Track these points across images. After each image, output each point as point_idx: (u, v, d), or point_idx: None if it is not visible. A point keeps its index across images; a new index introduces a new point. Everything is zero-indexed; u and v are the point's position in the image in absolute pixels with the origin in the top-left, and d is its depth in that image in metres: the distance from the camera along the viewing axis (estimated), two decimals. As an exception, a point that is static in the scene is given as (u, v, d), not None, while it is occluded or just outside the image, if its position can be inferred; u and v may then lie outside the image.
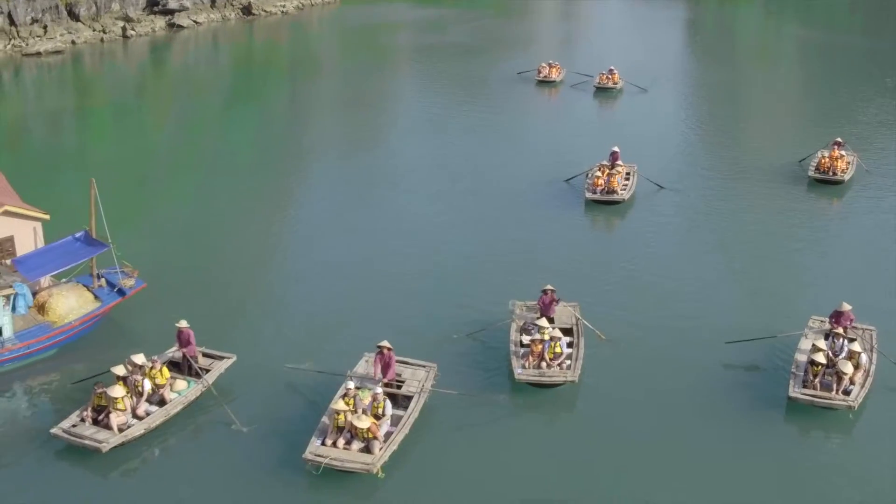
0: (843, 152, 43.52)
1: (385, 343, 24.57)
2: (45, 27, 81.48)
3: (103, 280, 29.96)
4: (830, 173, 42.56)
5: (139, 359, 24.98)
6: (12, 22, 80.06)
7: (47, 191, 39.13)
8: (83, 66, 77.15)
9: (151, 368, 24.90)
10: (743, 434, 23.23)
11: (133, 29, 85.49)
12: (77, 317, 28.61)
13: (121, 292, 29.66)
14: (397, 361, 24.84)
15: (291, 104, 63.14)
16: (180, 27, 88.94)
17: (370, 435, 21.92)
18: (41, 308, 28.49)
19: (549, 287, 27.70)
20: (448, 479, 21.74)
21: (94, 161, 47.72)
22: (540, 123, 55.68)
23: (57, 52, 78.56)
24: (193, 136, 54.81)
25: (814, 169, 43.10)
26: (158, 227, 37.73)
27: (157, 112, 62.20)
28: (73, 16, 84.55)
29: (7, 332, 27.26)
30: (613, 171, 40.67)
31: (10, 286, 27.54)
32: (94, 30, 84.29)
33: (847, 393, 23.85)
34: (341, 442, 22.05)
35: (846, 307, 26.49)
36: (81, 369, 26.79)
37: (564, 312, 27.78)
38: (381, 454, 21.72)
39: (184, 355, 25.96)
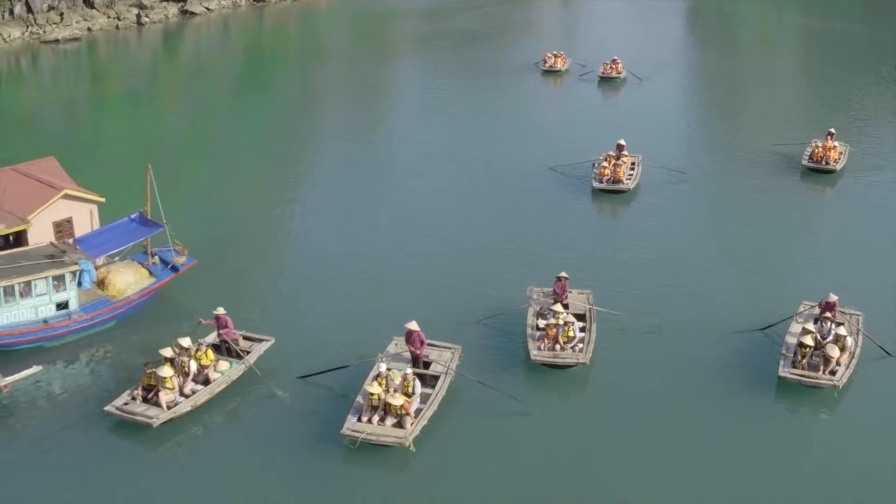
0: (836, 143, 45.58)
1: (413, 325, 26.78)
2: (61, 14, 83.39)
3: (157, 258, 32.58)
4: (823, 163, 44.65)
5: (186, 341, 27.18)
6: (29, 9, 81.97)
7: (85, 174, 40.98)
8: (102, 52, 79.20)
9: (197, 350, 27.07)
10: (737, 410, 25.53)
11: (147, 16, 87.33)
12: (134, 291, 31.30)
13: (174, 269, 32.27)
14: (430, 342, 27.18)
15: (303, 91, 65.13)
16: (193, 14, 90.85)
17: (403, 411, 24.17)
18: (101, 284, 31.15)
19: (562, 274, 29.95)
20: (472, 452, 23.99)
21: (127, 145, 50.22)
22: (547, 113, 57.76)
23: (74, 39, 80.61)
24: (216, 120, 57.27)
25: (807, 158, 45.19)
26: (197, 207, 40.07)
27: (178, 98, 64.29)
28: (88, 3, 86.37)
29: (73, 305, 29.94)
30: (619, 162, 42.76)
31: (76, 263, 30.04)
32: (108, 17, 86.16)
33: (833, 373, 26.07)
34: (375, 418, 24.27)
35: (833, 298, 28.60)
36: (138, 341, 29.42)
37: (578, 299, 30.01)
38: (413, 429, 23.97)
39: (222, 338, 28.15)
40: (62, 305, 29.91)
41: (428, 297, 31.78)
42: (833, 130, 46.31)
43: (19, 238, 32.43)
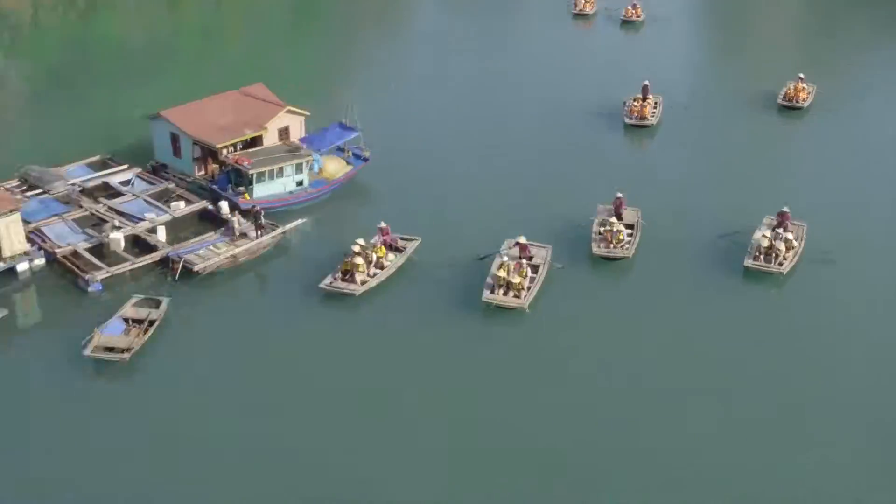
0: (804, 85, 59.59)
1: (522, 239, 41.29)
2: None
3: (350, 153, 49.11)
4: (794, 101, 58.86)
5: (365, 241, 41.71)
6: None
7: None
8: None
9: (374, 246, 41.76)
10: (716, 287, 40.23)
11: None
12: (340, 174, 47.96)
13: (364, 160, 49.04)
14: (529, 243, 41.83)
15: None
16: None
17: (521, 286, 39.03)
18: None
19: (619, 194, 44.32)
20: (562, 312, 38.70)
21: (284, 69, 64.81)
22: (581, 54, 71.89)
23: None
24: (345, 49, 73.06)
25: (782, 97, 59.35)
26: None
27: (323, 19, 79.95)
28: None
29: (306, 183, 47.00)
30: (645, 103, 56.82)
31: (310, 155, 46.78)
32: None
33: (780, 264, 40.80)
34: (501, 292, 39.08)
35: (786, 209, 43.11)
36: (343, 215, 45.94)
37: (630, 213, 44.50)
38: (528, 298, 38.79)
39: (385, 242, 42.68)
40: (300, 183, 46.49)
41: (526, 209, 46.00)
42: (802, 76, 60.25)
43: (254, 141, 48.41)
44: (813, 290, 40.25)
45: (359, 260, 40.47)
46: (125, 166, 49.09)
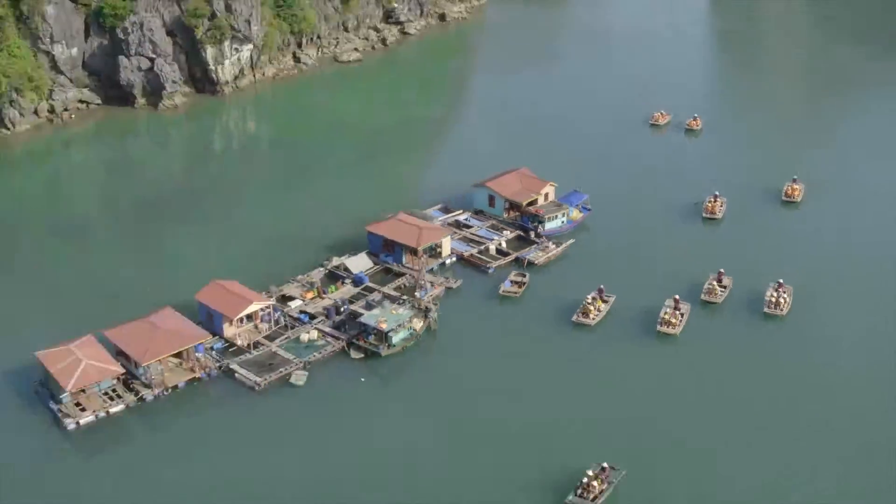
0: (797, 185, 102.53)
1: (676, 297, 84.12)
2: (336, 39, 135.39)
3: (580, 206, 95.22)
4: (792, 198, 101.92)
5: (591, 295, 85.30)
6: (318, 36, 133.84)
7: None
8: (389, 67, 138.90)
9: (595, 299, 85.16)
10: (753, 321, 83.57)
11: (384, 38, 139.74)
12: (578, 218, 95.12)
13: (587, 210, 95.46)
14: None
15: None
16: (407, 34, 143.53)
17: (676, 323, 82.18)
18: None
19: (721, 270, 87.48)
20: (692, 333, 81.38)
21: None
22: (662, 157, 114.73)
23: (357, 61, 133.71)
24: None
25: (784, 195, 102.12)
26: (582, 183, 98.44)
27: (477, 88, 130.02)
28: (344, 28, 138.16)
29: (564, 222, 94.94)
30: (715, 203, 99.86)
31: (565, 207, 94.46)
32: (360, 37, 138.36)
33: (781, 310, 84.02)
34: (666, 326, 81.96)
35: (780, 281, 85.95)
36: (582, 239, 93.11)
37: (728, 279, 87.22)
38: (678, 329, 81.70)
39: (601, 297, 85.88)
40: (563, 222, 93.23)
41: (662, 273, 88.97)
42: (796, 177, 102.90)
43: (531, 202, 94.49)
44: (800, 323, 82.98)
45: (590, 307, 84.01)
46: (460, 210, 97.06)
